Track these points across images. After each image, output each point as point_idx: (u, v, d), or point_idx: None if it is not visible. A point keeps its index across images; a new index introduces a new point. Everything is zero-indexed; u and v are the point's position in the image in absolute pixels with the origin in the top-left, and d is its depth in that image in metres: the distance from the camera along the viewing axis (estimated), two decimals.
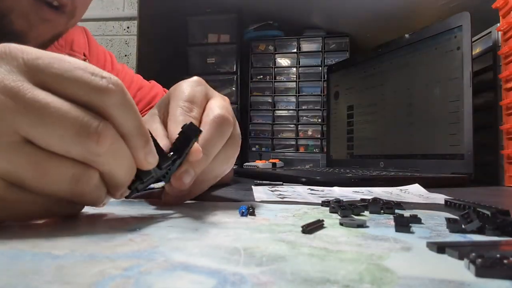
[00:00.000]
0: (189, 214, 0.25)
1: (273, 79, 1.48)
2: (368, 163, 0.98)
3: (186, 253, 0.16)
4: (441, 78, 0.76)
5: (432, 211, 0.29)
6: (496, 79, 0.71)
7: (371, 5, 1.24)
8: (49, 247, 0.16)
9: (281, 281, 0.12)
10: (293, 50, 1.49)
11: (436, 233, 0.21)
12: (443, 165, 0.73)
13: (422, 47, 0.83)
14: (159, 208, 0.28)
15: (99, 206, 0.23)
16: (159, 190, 0.43)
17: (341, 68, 1.15)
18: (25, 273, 0.13)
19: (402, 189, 0.48)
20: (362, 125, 1.03)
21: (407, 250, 0.17)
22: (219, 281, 0.12)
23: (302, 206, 0.30)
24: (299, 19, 1.45)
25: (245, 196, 0.39)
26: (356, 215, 0.26)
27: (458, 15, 0.73)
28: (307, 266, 0.14)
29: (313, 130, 1.44)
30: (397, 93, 0.90)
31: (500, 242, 0.19)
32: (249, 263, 0.14)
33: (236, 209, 0.27)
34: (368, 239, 0.19)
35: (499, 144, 0.70)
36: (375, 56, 0.98)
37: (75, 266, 0.13)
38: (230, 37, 1.49)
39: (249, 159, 1.42)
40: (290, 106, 1.47)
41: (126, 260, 0.14)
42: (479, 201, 0.31)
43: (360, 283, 0.12)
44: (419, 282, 0.13)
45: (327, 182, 0.53)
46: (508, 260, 0.13)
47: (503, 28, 0.68)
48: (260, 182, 0.54)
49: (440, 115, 0.76)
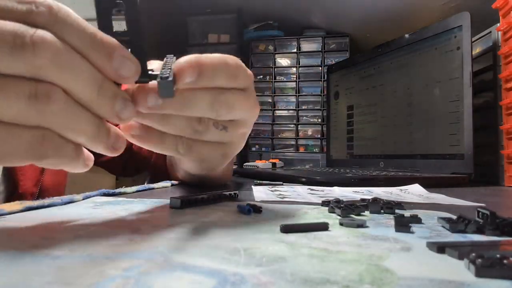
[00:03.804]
0: (189, 214, 0.25)
1: (273, 79, 1.49)
2: (368, 163, 0.98)
3: (186, 253, 0.16)
4: (441, 78, 0.76)
5: (432, 211, 0.29)
6: (496, 79, 0.71)
7: (371, 5, 1.24)
8: (49, 247, 0.16)
9: (281, 282, 0.12)
10: (293, 50, 1.49)
11: (436, 233, 0.21)
12: (443, 165, 0.73)
13: (422, 47, 0.83)
14: (159, 208, 0.28)
15: (78, 159, 0.21)
16: (160, 189, 0.43)
17: (341, 68, 1.15)
18: (25, 274, 0.13)
19: (402, 189, 0.48)
20: (362, 125, 1.03)
21: (407, 250, 0.17)
22: (219, 281, 0.12)
23: (302, 206, 0.30)
24: (299, 19, 1.45)
25: (245, 196, 0.39)
26: (356, 215, 0.26)
27: (458, 15, 0.73)
28: (307, 266, 0.14)
29: (313, 130, 1.44)
30: (397, 93, 0.90)
31: (500, 242, 0.19)
32: (249, 263, 0.14)
33: (236, 209, 0.27)
34: (368, 239, 0.19)
35: (499, 144, 0.70)
36: (375, 56, 0.98)
37: (75, 267, 0.13)
38: (230, 37, 1.49)
39: (249, 159, 1.42)
40: (290, 106, 1.47)
41: (126, 260, 0.14)
42: (479, 202, 0.31)
43: (360, 284, 0.12)
44: (419, 282, 0.13)
45: (327, 182, 0.53)
46: (508, 260, 0.13)
47: (503, 28, 0.68)
48: (260, 182, 0.54)
49: (440, 115, 0.76)
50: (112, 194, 0.36)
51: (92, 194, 0.34)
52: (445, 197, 0.39)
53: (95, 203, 0.30)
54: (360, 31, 1.42)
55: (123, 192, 0.37)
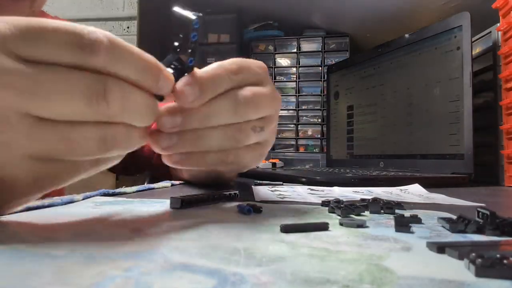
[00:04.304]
0: (189, 213, 0.25)
1: (273, 79, 1.49)
2: (368, 163, 0.98)
3: (186, 253, 0.16)
4: (441, 78, 0.76)
5: (432, 211, 0.29)
6: (496, 79, 0.71)
7: (371, 5, 1.24)
8: (49, 247, 0.16)
9: (281, 282, 0.12)
10: (293, 50, 1.49)
11: (436, 233, 0.21)
12: (443, 165, 0.73)
13: (422, 47, 0.83)
14: (159, 208, 0.28)
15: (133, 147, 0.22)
16: (160, 189, 0.43)
17: (341, 68, 1.15)
18: (25, 274, 0.13)
19: (402, 189, 0.48)
20: (362, 125, 1.03)
21: (407, 250, 0.17)
22: (219, 281, 0.12)
23: (302, 206, 0.30)
24: (299, 19, 1.45)
25: (245, 196, 0.39)
26: (356, 215, 0.26)
27: (458, 15, 0.73)
28: (307, 266, 0.14)
29: (313, 130, 1.44)
30: (397, 93, 0.90)
31: (500, 242, 0.19)
32: (249, 263, 0.14)
33: (236, 209, 0.27)
34: (368, 239, 0.19)
35: (499, 144, 0.70)
36: (375, 56, 0.98)
37: (75, 267, 0.13)
38: (230, 37, 1.50)
39: None
40: (290, 106, 1.47)
41: (126, 261, 0.14)
42: (479, 202, 0.31)
43: (360, 283, 0.12)
44: (419, 282, 0.13)
45: (327, 182, 0.53)
46: (508, 260, 0.13)
47: (503, 28, 0.68)
48: (260, 182, 0.54)
49: (440, 115, 0.76)
50: (112, 194, 0.36)
51: (92, 194, 0.34)
52: (445, 197, 0.39)
53: (95, 203, 0.30)
54: (360, 31, 1.42)
55: (123, 192, 0.37)
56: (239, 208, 0.26)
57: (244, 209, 0.26)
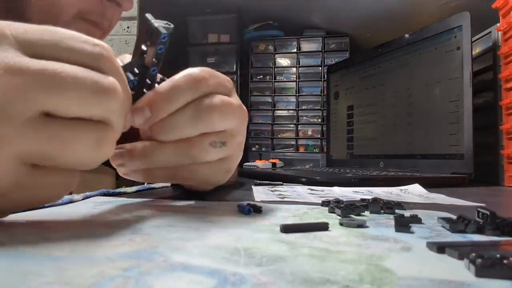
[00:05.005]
0: (189, 214, 0.25)
1: (273, 79, 1.48)
2: (368, 163, 0.98)
3: (186, 253, 0.16)
4: (441, 78, 0.76)
5: (432, 211, 0.29)
6: (496, 79, 0.71)
7: (371, 5, 1.24)
8: (49, 248, 0.16)
9: (281, 282, 0.12)
10: (293, 50, 1.48)
11: (436, 233, 0.21)
12: (443, 165, 0.73)
13: (422, 47, 0.83)
14: (159, 208, 0.28)
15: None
16: (160, 189, 0.43)
17: (341, 68, 1.15)
18: (25, 274, 0.13)
19: (402, 189, 0.48)
20: (362, 125, 1.03)
21: (407, 250, 0.17)
22: (219, 281, 0.12)
23: (302, 206, 0.30)
24: (299, 19, 1.45)
25: (245, 196, 0.39)
26: (356, 215, 0.26)
27: (458, 15, 0.73)
28: (307, 266, 0.14)
29: (313, 130, 1.44)
30: (397, 93, 0.90)
31: (500, 242, 0.19)
32: (249, 263, 0.14)
33: (236, 209, 0.27)
34: (368, 239, 0.19)
35: (499, 144, 0.70)
36: (375, 56, 0.98)
37: (75, 267, 0.13)
38: (230, 37, 1.49)
39: (249, 159, 1.42)
40: (290, 106, 1.47)
41: (126, 261, 0.14)
42: (479, 202, 0.31)
43: (360, 284, 0.12)
44: (419, 282, 0.13)
45: (327, 182, 0.53)
46: (508, 260, 0.13)
47: (503, 28, 0.68)
48: (260, 182, 0.54)
49: (440, 115, 0.76)
50: (112, 194, 0.36)
51: (92, 194, 0.34)
52: (445, 197, 0.39)
53: (95, 203, 0.30)
54: (360, 31, 1.42)
55: (123, 192, 0.37)
56: (239, 208, 0.26)
57: (244, 209, 0.26)
